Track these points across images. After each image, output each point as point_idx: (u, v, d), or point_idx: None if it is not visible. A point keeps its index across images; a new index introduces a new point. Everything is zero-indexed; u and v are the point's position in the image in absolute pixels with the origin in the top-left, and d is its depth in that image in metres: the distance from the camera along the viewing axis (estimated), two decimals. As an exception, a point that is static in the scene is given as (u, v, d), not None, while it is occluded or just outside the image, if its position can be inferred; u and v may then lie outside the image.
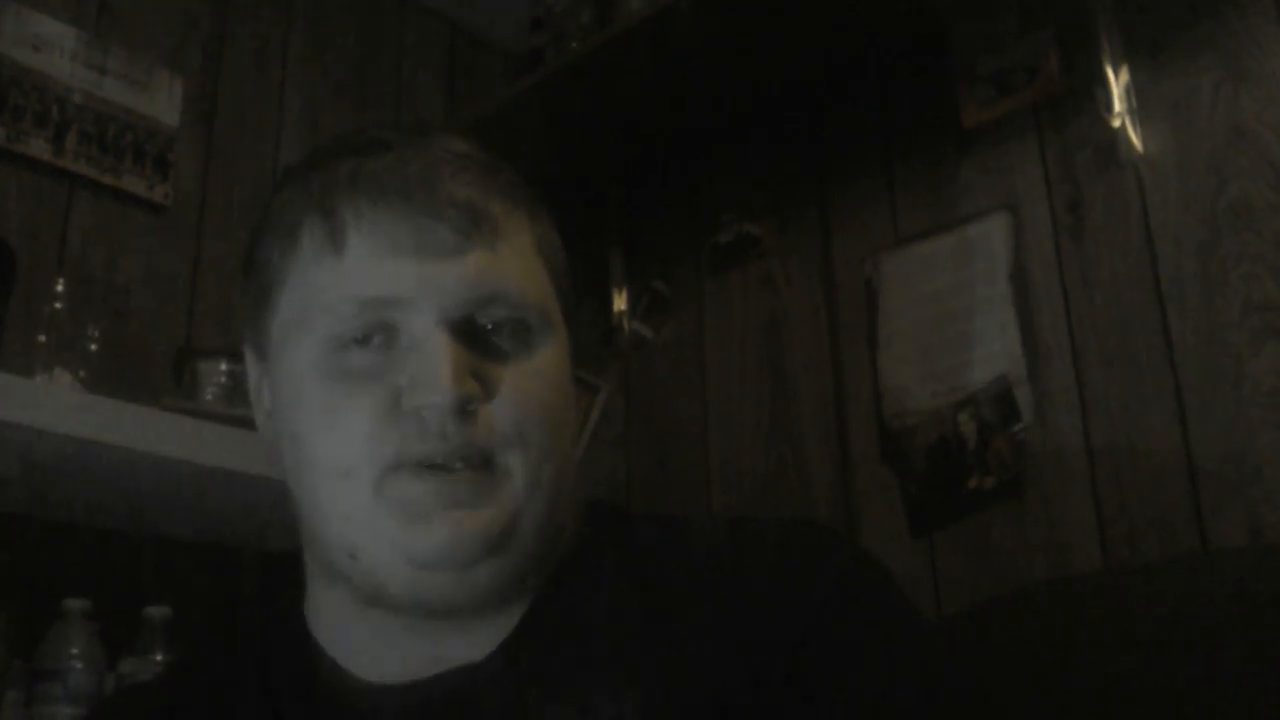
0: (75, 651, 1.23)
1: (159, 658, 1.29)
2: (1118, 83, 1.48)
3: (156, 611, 1.32)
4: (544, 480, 0.64)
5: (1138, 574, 1.20)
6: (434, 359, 0.61)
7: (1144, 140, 1.47)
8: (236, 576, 1.64)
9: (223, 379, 1.44)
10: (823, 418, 1.74)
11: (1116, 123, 1.47)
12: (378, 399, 0.62)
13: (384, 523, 0.62)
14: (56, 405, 1.21)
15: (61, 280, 1.46)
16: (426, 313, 0.63)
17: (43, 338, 1.39)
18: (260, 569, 1.64)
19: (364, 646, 0.67)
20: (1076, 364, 1.48)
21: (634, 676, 0.63)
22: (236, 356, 1.49)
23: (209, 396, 1.43)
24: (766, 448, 1.80)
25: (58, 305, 1.42)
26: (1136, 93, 1.48)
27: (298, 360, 0.65)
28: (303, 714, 0.67)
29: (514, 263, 0.66)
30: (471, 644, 0.65)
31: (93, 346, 1.42)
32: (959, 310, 1.61)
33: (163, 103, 1.73)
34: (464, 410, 0.61)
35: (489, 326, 0.65)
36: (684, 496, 1.87)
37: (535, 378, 0.66)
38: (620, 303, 2.05)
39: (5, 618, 1.24)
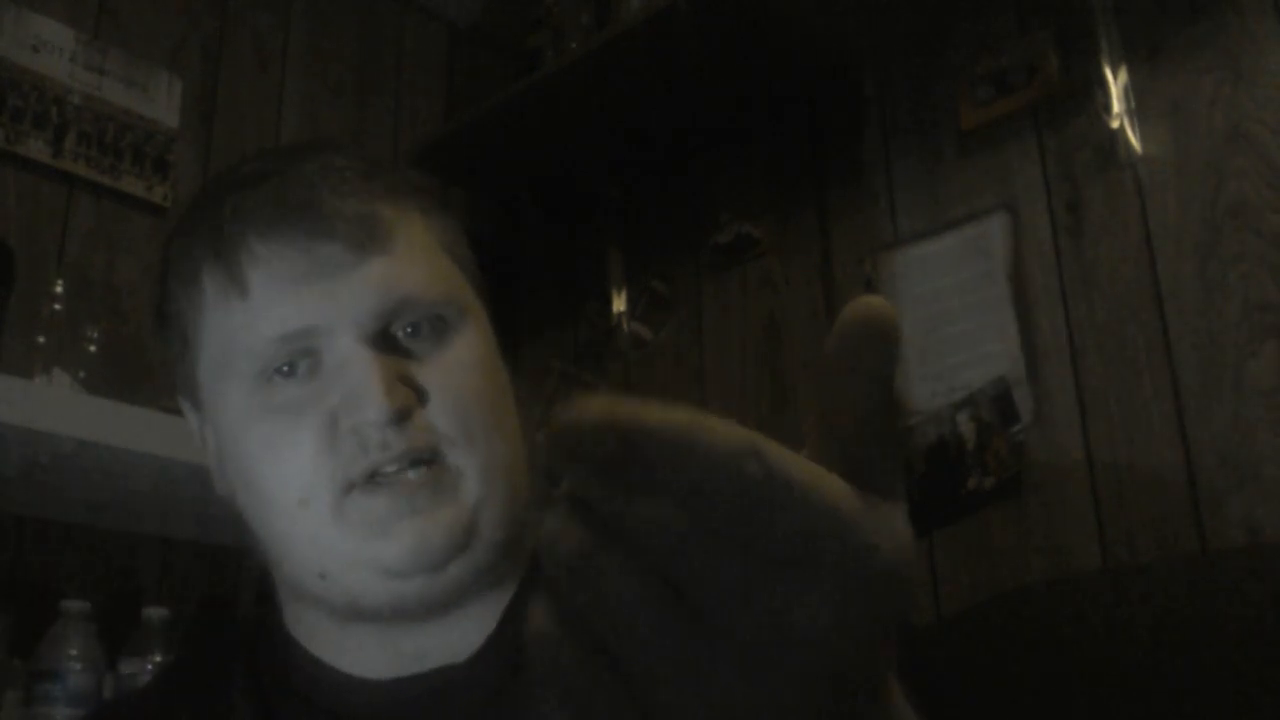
0: (74, 652, 1.22)
1: (158, 658, 1.28)
2: (1116, 83, 1.48)
3: (155, 612, 1.32)
4: (496, 467, 0.65)
5: (1137, 574, 1.20)
6: (361, 376, 0.62)
7: (1143, 140, 1.47)
8: (236, 576, 1.64)
9: (222, 379, 1.44)
10: (822, 418, 1.73)
11: (1115, 123, 1.47)
12: (315, 426, 0.63)
13: (349, 541, 0.62)
14: (56, 405, 1.22)
15: (61, 281, 1.46)
16: (343, 333, 0.63)
17: (42, 338, 1.39)
18: (260, 569, 1.64)
19: (347, 648, 0.68)
20: (1075, 364, 1.48)
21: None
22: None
23: (209, 397, 1.43)
24: (766, 448, 1.79)
25: (57, 306, 1.42)
26: (1135, 93, 1.48)
27: (230, 404, 0.66)
28: (292, 708, 0.67)
29: (415, 262, 0.67)
30: (455, 640, 0.66)
31: (92, 347, 1.42)
32: (958, 310, 1.61)
33: (162, 103, 1.73)
34: (401, 419, 0.62)
35: (407, 331, 0.65)
36: (684, 496, 1.87)
37: (462, 369, 0.66)
38: (620, 303, 2.05)
39: (5, 618, 1.24)
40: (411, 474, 0.62)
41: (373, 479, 0.62)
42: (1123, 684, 0.95)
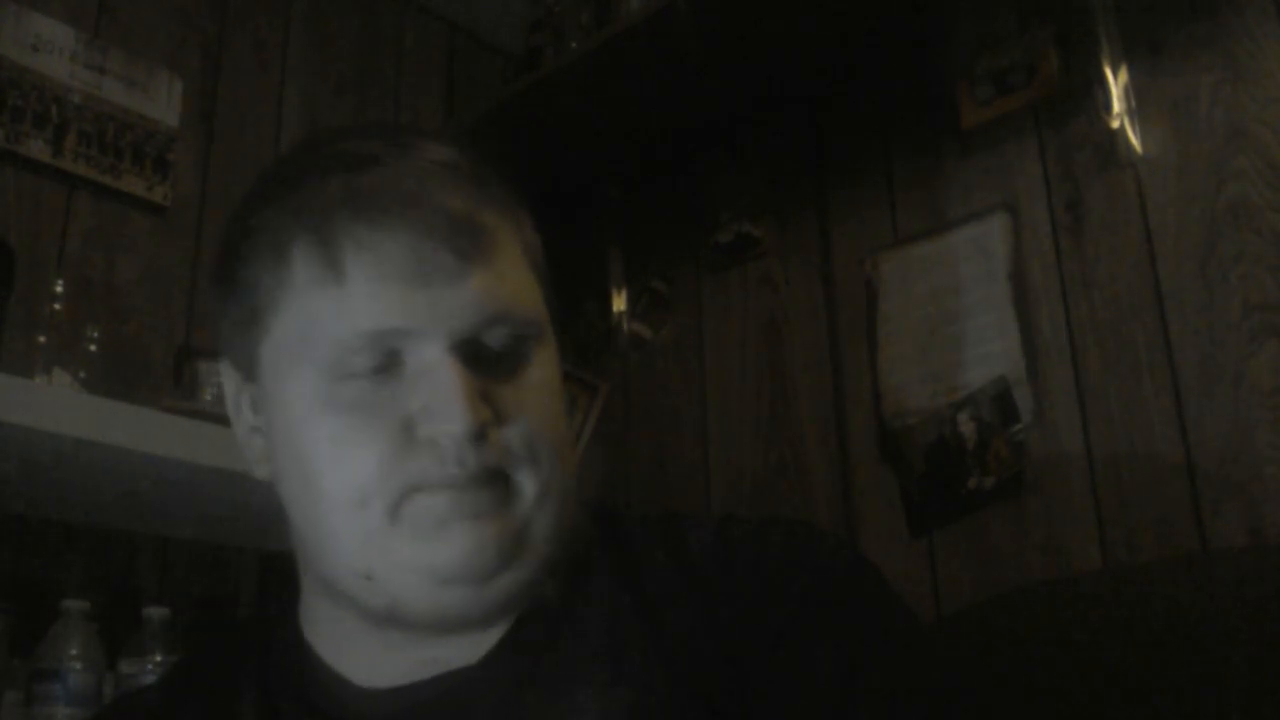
0: (74, 652, 1.22)
1: (158, 658, 1.28)
2: (1117, 82, 1.48)
3: (156, 611, 1.32)
4: (553, 489, 0.65)
5: (1137, 574, 1.20)
6: (447, 387, 0.61)
7: (1143, 140, 1.47)
8: (236, 576, 1.64)
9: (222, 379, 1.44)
10: (822, 418, 1.74)
11: (1116, 122, 1.47)
12: (389, 429, 0.62)
13: (402, 542, 0.62)
14: (56, 405, 1.21)
15: (61, 280, 1.46)
16: (435, 339, 0.62)
17: (42, 338, 1.39)
18: (260, 569, 1.65)
19: (360, 652, 0.67)
20: (1075, 364, 1.48)
21: (622, 676, 0.63)
22: (236, 357, 1.49)
23: (208, 397, 1.43)
24: (766, 448, 1.80)
25: (57, 306, 1.42)
26: (1136, 92, 1.48)
27: (298, 389, 0.64)
28: (299, 714, 0.67)
29: (511, 278, 0.66)
30: (465, 647, 0.66)
31: (92, 347, 1.42)
32: (958, 310, 1.61)
33: (162, 103, 1.73)
34: (480, 436, 0.61)
35: (493, 345, 0.64)
36: (684, 496, 1.87)
37: (539, 391, 0.66)
38: (620, 303, 2.05)
39: (5, 618, 1.24)
40: (477, 490, 0.62)
41: (437, 486, 0.62)
42: (1123, 684, 0.95)
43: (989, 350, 1.56)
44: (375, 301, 0.62)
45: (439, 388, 0.61)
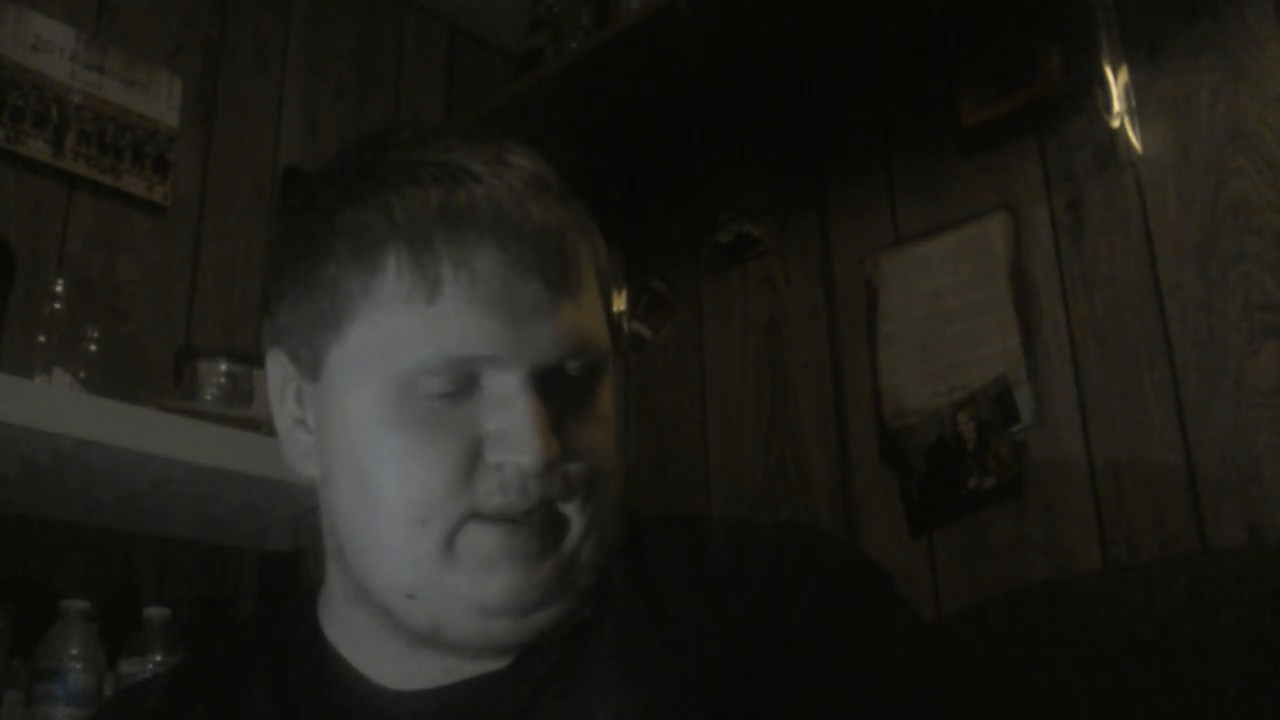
0: (74, 652, 1.22)
1: (158, 658, 1.28)
2: (1117, 82, 1.48)
3: (156, 612, 1.32)
4: (598, 522, 0.65)
5: (1138, 574, 1.20)
6: (524, 418, 0.61)
7: (1143, 140, 1.47)
8: (236, 576, 1.64)
9: (222, 379, 1.45)
10: (823, 418, 1.74)
11: (1116, 122, 1.47)
12: (459, 450, 0.61)
13: (452, 572, 0.62)
14: (56, 405, 1.21)
15: (61, 280, 1.46)
16: (516, 369, 0.62)
17: (42, 338, 1.39)
18: (260, 569, 1.64)
19: (381, 656, 0.67)
20: (1076, 364, 1.48)
21: (637, 680, 0.63)
22: (236, 357, 1.49)
23: (208, 397, 1.43)
24: (766, 448, 1.80)
25: (57, 305, 1.42)
26: (1136, 92, 1.48)
27: (368, 399, 0.63)
28: (315, 713, 0.67)
29: (591, 309, 0.66)
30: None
31: (92, 347, 1.42)
32: (959, 310, 1.61)
33: (162, 103, 1.73)
34: (549, 470, 0.61)
35: (568, 375, 0.64)
36: (684, 496, 1.87)
37: (600, 425, 0.66)
38: (620, 303, 2.05)
39: (5, 618, 1.24)
40: (527, 523, 0.62)
41: (494, 517, 0.61)
42: (1123, 684, 0.95)
43: (989, 350, 1.56)
44: (465, 327, 0.61)
45: (515, 417, 0.61)
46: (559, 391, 0.63)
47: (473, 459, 0.61)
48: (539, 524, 0.62)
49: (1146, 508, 1.37)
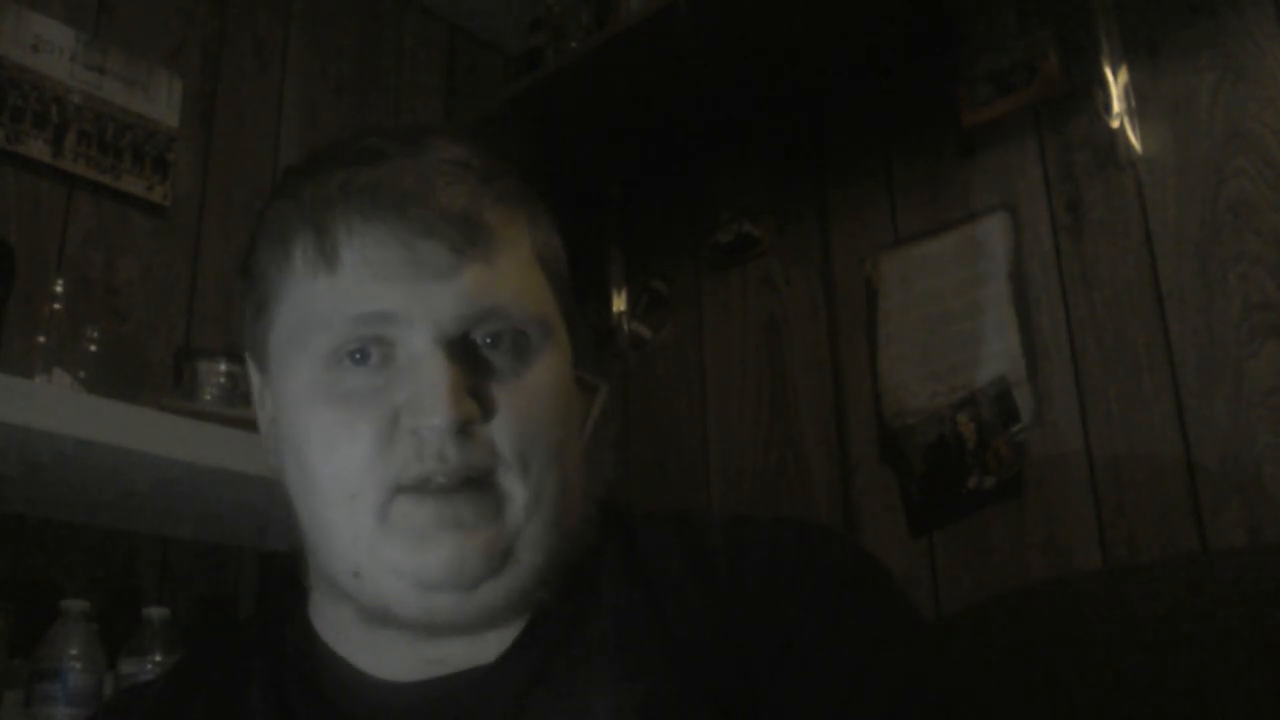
0: (74, 651, 1.22)
1: (158, 658, 1.28)
2: (1117, 83, 1.48)
3: (156, 612, 1.32)
4: (545, 498, 0.64)
5: (1138, 574, 1.20)
6: (431, 379, 0.61)
7: (1143, 140, 1.47)
8: (236, 576, 1.64)
9: (222, 379, 1.44)
10: (822, 418, 1.74)
11: (1116, 123, 1.47)
12: (377, 420, 0.62)
13: (389, 546, 0.62)
14: (56, 405, 1.21)
15: (61, 281, 1.46)
16: (422, 331, 0.62)
17: (42, 338, 1.38)
18: (260, 569, 1.64)
19: (371, 650, 0.67)
20: (1076, 364, 1.48)
21: (633, 674, 0.63)
22: (235, 357, 1.49)
23: (208, 397, 1.43)
24: (766, 448, 1.80)
25: (57, 306, 1.41)
26: (1136, 93, 1.48)
27: (296, 380, 0.65)
28: (312, 710, 0.67)
29: (511, 275, 0.66)
30: (478, 647, 0.66)
31: (92, 347, 1.42)
32: (959, 310, 1.61)
33: (162, 103, 1.73)
34: (462, 431, 0.61)
35: (487, 341, 0.64)
36: (684, 496, 1.87)
37: (534, 393, 0.65)
38: (619, 303, 2.05)
39: (5, 618, 1.24)
40: (460, 493, 0.62)
41: (422, 487, 0.61)
42: (1123, 684, 0.95)
43: (989, 350, 1.56)
44: (362, 287, 0.62)
45: (422, 379, 0.61)
46: (483, 360, 0.64)
47: (390, 427, 0.62)
48: (473, 494, 0.62)
49: (1146, 508, 1.37)
